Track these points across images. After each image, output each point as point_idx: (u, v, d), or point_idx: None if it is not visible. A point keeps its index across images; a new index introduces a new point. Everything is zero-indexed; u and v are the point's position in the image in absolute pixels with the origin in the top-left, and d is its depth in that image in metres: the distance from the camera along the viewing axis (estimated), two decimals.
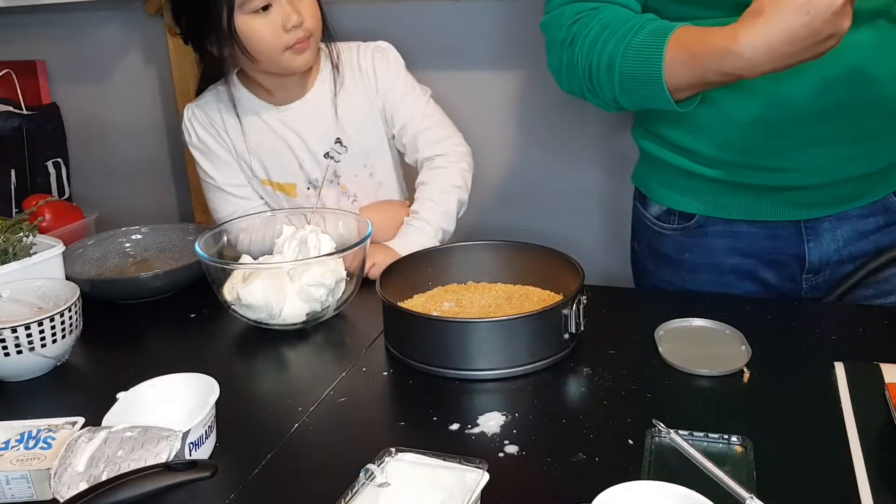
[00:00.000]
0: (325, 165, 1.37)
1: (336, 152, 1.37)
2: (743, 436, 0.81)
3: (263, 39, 1.24)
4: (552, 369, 0.98)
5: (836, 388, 0.90)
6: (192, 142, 1.39)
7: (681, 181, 1.19)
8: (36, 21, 2.17)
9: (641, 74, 1.00)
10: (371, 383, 0.99)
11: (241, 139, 1.37)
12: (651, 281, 1.31)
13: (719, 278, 1.22)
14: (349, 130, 1.37)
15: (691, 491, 0.65)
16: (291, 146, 1.37)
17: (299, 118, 1.36)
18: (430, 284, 1.17)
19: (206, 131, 1.38)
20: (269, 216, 1.31)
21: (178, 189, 2.21)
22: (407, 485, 0.72)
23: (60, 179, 2.21)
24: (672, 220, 1.23)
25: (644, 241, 1.31)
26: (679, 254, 1.24)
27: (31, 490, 0.80)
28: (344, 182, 1.40)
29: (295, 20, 1.23)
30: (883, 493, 0.73)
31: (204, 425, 0.82)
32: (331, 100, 1.37)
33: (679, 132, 1.15)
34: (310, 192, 1.39)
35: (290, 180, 1.39)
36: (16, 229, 1.17)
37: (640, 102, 1.06)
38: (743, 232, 1.18)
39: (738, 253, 1.20)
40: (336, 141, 1.37)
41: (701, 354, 0.98)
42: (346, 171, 1.39)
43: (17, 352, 1.00)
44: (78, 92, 2.21)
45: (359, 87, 1.38)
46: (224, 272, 1.13)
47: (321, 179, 1.37)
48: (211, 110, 1.38)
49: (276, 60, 1.26)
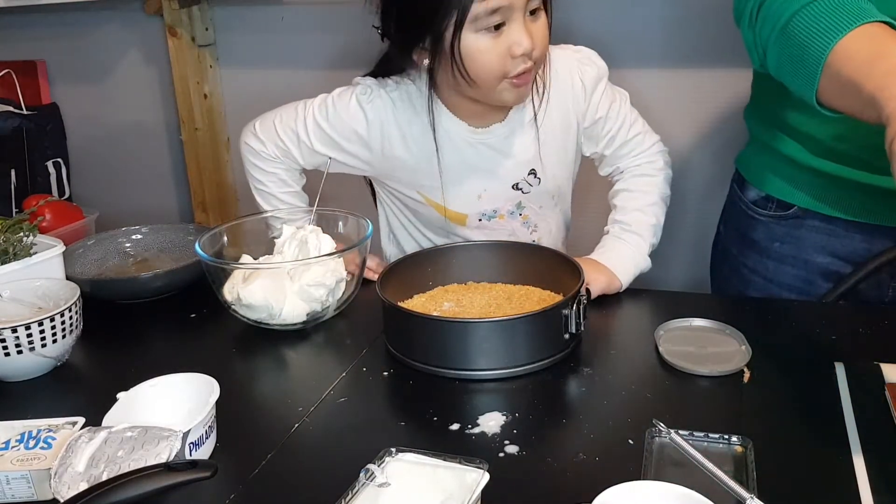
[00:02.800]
0: (328, 164, 1.32)
1: (528, 184, 1.24)
2: (743, 436, 0.81)
3: (489, 64, 1.07)
4: (552, 369, 0.98)
5: (836, 388, 0.90)
6: (355, 117, 1.20)
7: (788, 169, 1.17)
8: (36, 21, 2.17)
9: (805, 47, 0.93)
10: (371, 383, 0.99)
11: (430, 151, 1.21)
12: (731, 266, 1.29)
13: (805, 275, 1.19)
14: (546, 161, 1.23)
15: (691, 491, 0.65)
16: (478, 173, 1.22)
17: (497, 142, 1.21)
18: (430, 284, 1.17)
19: (377, 117, 1.20)
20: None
21: (178, 189, 2.22)
22: (407, 485, 0.72)
23: (60, 179, 2.22)
24: (769, 207, 1.21)
25: (732, 224, 1.29)
26: (769, 241, 1.22)
27: (31, 490, 0.80)
28: (527, 213, 1.28)
29: (526, 46, 1.06)
30: (883, 493, 0.73)
31: (204, 425, 0.82)
32: (531, 122, 1.21)
33: (803, 117, 1.11)
34: (481, 223, 1.26)
35: (464, 210, 1.26)
36: (16, 229, 1.17)
37: (786, 71, 0.99)
38: (840, 231, 1.16)
39: (830, 252, 1.17)
40: (530, 172, 1.23)
41: (701, 354, 0.98)
42: (532, 202, 1.27)
43: (17, 352, 1.00)
44: (78, 92, 2.22)
45: (559, 103, 1.21)
46: (224, 272, 1.13)
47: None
48: (401, 109, 1.20)
49: (490, 88, 1.11)
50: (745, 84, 1.27)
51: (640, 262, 1.20)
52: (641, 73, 1.70)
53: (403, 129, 1.21)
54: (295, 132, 1.25)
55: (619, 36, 1.68)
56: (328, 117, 1.23)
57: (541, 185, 1.26)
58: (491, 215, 1.27)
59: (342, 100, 1.22)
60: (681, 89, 1.70)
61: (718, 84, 1.66)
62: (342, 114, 1.22)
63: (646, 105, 1.34)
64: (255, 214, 1.31)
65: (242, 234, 1.28)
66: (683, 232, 1.75)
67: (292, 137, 1.25)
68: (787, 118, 1.15)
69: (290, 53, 1.96)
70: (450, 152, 1.21)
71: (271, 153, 1.28)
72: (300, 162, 1.28)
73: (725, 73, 1.64)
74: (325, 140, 1.24)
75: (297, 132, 1.25)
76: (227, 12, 2.00)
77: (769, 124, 1.19)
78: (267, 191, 1.32)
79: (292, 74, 1.96)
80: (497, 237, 1.28)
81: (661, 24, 1.67)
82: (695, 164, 1.74)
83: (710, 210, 1.65)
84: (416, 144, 1.21)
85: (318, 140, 1.24)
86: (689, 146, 1.74)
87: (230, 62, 2.05)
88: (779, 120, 1.16)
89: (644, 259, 1.21)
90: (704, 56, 1.65)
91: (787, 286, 1.22)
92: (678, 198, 1.72)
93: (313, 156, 1.26)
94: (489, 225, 1.28)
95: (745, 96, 1.28)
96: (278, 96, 1.48)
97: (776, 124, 1.17)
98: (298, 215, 1.30)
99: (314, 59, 1.93)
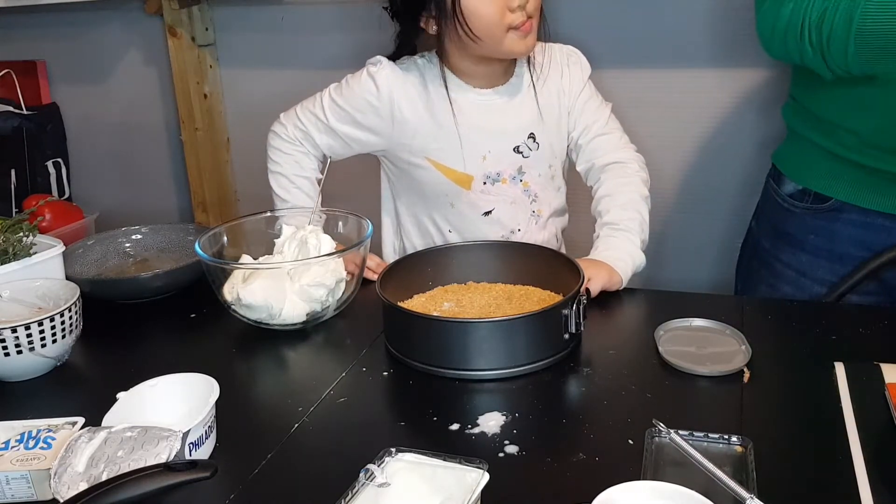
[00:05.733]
0: (327, 164, 1.35)
1: (528, 148, 1.31)
2: (743, 436, 0.81)
3: (490, 17, 1.17)
4: (552, 369, 0.98)
5: (836, 388, 0.90)
6: (367, 88, 1.29)
7: (826, 163, 1.18)
8: (36, 21, 2.17)
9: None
10: (371, 383, 0.99)
11: (441, 114, 1.28)
12: (762, 260, 1.30)
13: (839, 268, 1.20)
14: (545, 126, 1.32)
15: (691, 491, 0.65)
16: (483, 133, 1.30)
17: (501, 104, 1.31)
18: (430, 284, 1.17)
19: (386, 83, 1.28)
20: None
21: (178, 189, 2.21)
22: (407, 485, 0.72)
23: (60, 179, 2.22)
24: (806, 200, 1.22)
25: (766, 219, 1.30)
26: (804, 234, 1.22)
27: (31, 490, 0.80)
28: (527, 180, 1.33)
29: (521, 0, 1.18)
30: (883, 493, 0.73)
31: (204, 425, 0.82)
32: (530, 91, 1.31)
33: (844, 109, 1.12)
34: (485, 186, 1.32)
35: (470, 171, 1.31)
36: (16, 229, 1.17)
37: (882, 63, 1.01)
38: (877, 224, 1.16)
39: (866, 247, 1.17)
40: (530, 136, 1.31)
41: (701, 354, 0.98)
42: (531, 168, 1.33)
43: (17, 352, 1.00)
44: (78, 92, 2.22)
45: (554, 83, 1.33)
46: (224, 272, 1.13)
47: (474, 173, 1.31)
48: (410, 81, 1.29)
49: (499, 41, 1.20)
50: (746, 85, 1.27)
51: (636, 256, 1.22)
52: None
53: (411, 93, 1.29)
54: (314, 113, 1.34)
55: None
56: (343, 93, 1.31)
57: (539, 151, 1.32)
58: (495, 178, 1.32)
59: (355, 77, 1.32)
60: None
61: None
62: (355, 88, 1.30)
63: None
64: (255, 214, 1.31)
65: (242, 234, 1.28)
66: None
67: (311, 118, 1.34)
68: (825, 113, 1.16)
69: (290, 53, 1.96)
70: (457, 114, 1.29)
71: (291, 135, 1.35)
72: (318, 143, 1.34)
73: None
74: (340, 115, 1.31)
75: (315, 113, 1.33)
76: (227, 12, 2.00)
77: (808, 119, 1.20)
78: (280, 171, 1.36)
79: (292, 74, 1.96)
80: (500, 205, 1.32)
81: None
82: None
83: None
84: (424, 107, 1.29)
85: (334, 116, 1.32)
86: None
87: (230, 62, 2.05)
88: (817, 114, 1.17)
89: (639, 253, 1.23)
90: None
91: (821, 280, 1.22)
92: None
93: (330, 135, 1.33)
94: (493, 190, 1.32)
95: (746, 98, 1.29)
96: (278, 96, 1.48)
97: (815, 119, 1.18)
98: (301, 215, 1.30)
99: (314, 59, 1.93)
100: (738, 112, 1.67)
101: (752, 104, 1.64)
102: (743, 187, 1.68)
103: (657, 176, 1.75)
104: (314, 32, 1.91)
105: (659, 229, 1.79)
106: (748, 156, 1.67)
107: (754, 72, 1.60)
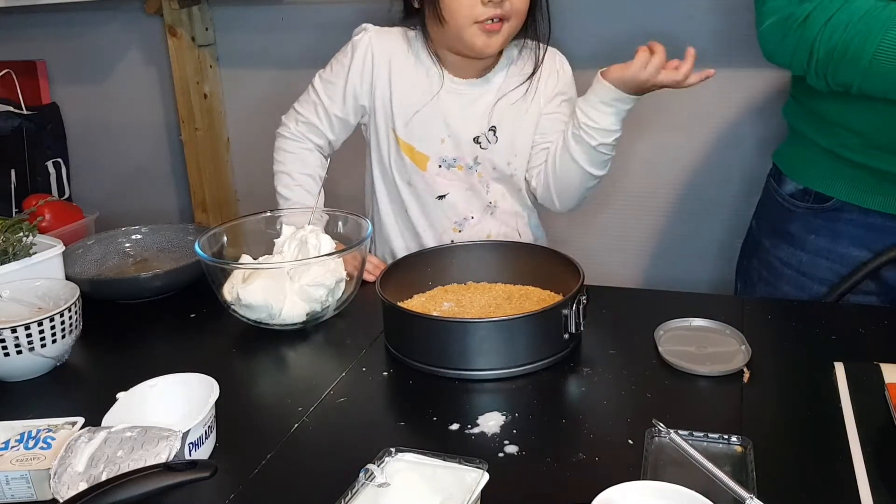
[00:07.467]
0: (327, 164, 1.35)
1: (487, 140, 1.31)
2: (743, 436, 0.81)
3: (460, 2, 1.18)
4: (552, 369, 0.98)
5: (836, 388, 0.90)
6: (347, 55, 1.32)
7: (827, 162, 1.18)
8: (36, 21, 2.17)
9: None
10: (371, 383, 0.99)
11: (409, 90, 1.30)
12: (762, 259, 1.30)
13: (840, 268, 1.20)
14: (513, 124, 1.32)
15: (691, 491, 0.65)
16: (446, 119, 1.31)
17: (472, 94, 1.31)
18: (430, 284, 1.17)
19: (373, 61, 1.31)
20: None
21: (178, 189, 2.21)
22: (407, 485, 0.72)
23: (60, 179, 2.22)
24: (807, 199, 1.22)
25: (766, 218, 1.30)
26: (804, 233, 1.22)
27: (30, 490, 0.80)
28: (482, 171, 1.34)
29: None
30: (883, 493, 0.73)
31: (204, 425, 0.82)
32: (505, 88, 1.31)
33: (845, 109, 1.12)
34: (440, 170, 1.33)
35: (427, 152, 1.33)
36: (16, 229, 1.17)
37: None
38: (877, 224, 1.16)
39: (866, 246, 1.17)
40: (491, 129, 1.31)
41: (701, 354, 0.98)
42: (487, 161, 1.33)
43: (17, 352, 1.00)
44: (78, 92, 2.22)
45: (543, 87, 1.33)
46: (224, 272, 1.13)
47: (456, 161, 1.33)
48: (392, 46, 1.31)
49: (461, 31, 1.20)
50: (746, 85, 1.27)
51: None
52: None
53: (390, 60, 1.31)
54: (310, 100, 1.37)
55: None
56: (332, 69, 1.35)
57: (497, 145, 1.33)
58: (451, 164, 1.34)
59: (341, 51, 1.36)
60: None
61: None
62: (340, 59, 1.35)
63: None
64: (255, 214, 1.32)
65: (242, 234, 1.28)
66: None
67: (308, 106, 1.37)
68: (827, 112, 1.16)
69: (290, 53, 1.95)
70: (426, 93, 1.31)
71: (294, 132, 1.37)
72: (321, 129, 1.36)
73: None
74: (330, 91, 1.34)
75: (311, 98, 1.37)
76: (227, 12, 2.00)
77: (809, 119, 1.20)
78: (284, 170, 1.37)
79: (292, 74, 1.95)
80: (454, 191, 1.34)
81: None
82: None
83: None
84: (398, 77, 1.31)
85: (326, 95, 1.35)
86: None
87: (230, 62, 2.05)
88: (819, 114, 1.17)
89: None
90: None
91: (820, 279, 1.22)
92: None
93: (328, 114, 1.35)
94: (447, 174, 1.34)
95: (746, 97, 1.28)
96: (278, 96, 1.48)
97: (816, 118, 1.18)
98: (303, 214, 1.30)
99: (314, 59, 1.92)
100: (738, 112, 1.67)
101: (753, 104, 1.64)
102: (743, 187, 1.68)
103: (657, 175, 1.76)
104: (314, 32, 1.91)
105: (659, 229, 1.79)
106: (748, 155, 1.67)
107: (754, 72, 1.60)
